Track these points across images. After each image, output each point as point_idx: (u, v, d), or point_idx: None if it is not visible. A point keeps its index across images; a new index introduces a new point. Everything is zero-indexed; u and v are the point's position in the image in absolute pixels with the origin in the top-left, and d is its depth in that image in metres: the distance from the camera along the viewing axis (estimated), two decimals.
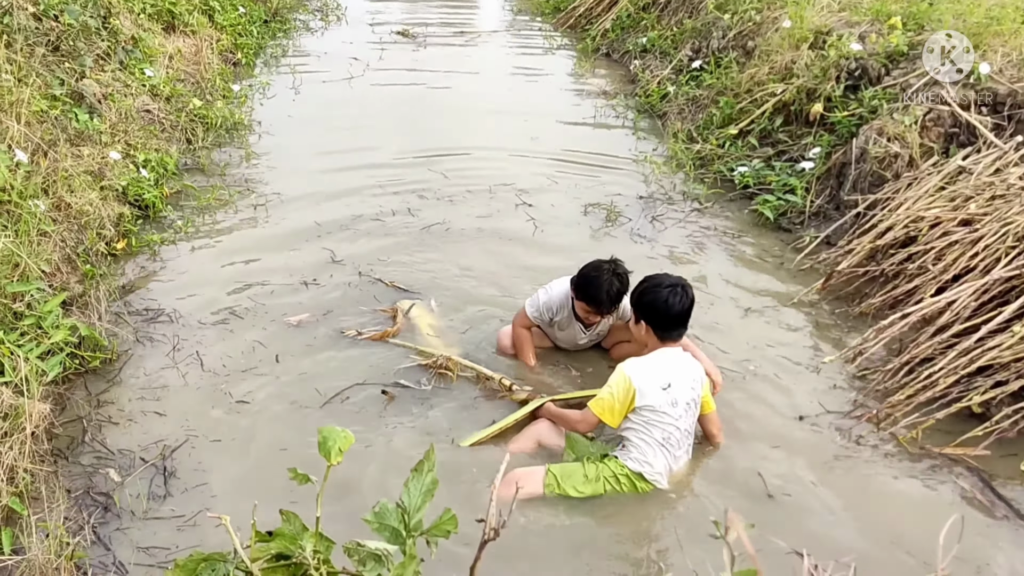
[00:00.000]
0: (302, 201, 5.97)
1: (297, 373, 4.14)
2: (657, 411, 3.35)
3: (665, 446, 3.38)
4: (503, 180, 6.46)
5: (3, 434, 3.30)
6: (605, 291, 3.77)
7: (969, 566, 3.11)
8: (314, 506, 1.71)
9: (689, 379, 3.44)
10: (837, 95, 6.19)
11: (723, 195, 6.30)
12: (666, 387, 3.37)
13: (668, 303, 3.41)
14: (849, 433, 3.83)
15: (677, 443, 3.41)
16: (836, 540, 3.22)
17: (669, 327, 3.48)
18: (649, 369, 3.41)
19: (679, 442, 3.42)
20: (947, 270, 4.47)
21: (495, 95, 8.66)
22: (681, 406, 3.39)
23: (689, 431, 3.47)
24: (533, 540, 3.20)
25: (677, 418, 3.38)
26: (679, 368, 3.45)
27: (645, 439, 3.37)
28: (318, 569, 1.60)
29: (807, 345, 4.51)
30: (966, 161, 5.10)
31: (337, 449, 1.73)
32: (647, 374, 3.38)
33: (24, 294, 4.02)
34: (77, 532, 3.11)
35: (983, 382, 3.86)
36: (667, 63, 8.72)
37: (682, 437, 3.43)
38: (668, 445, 3.39)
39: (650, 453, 3.36)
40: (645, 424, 3.37)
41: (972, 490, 3.48)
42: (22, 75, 5.29)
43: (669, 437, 3.38)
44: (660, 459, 3.38)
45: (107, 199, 5.22)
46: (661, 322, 3.47)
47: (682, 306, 3.42)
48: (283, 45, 10.11)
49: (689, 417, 3.44)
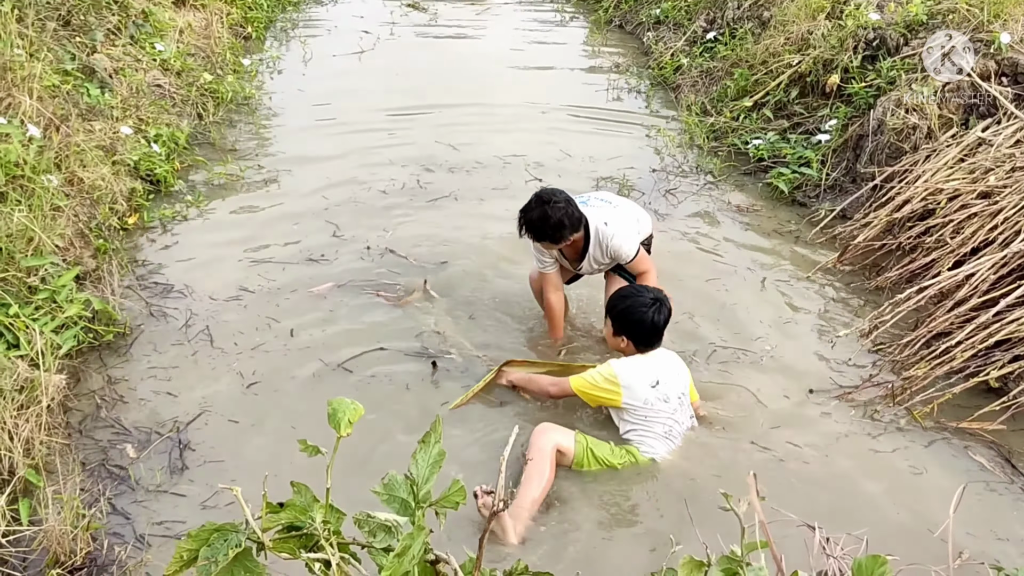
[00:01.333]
0: (312, 175, 5.96)
1: (310, 346, 4.15)
2: (652, 408, 3.42)
3: (668, 438, 3.46)
4: (513, 152, 6.42)
5: (19, 407, 3.33)
6: (529, 222, 3.72)
7: (987, 540, 3.09)
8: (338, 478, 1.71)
9: (673, 371, 3.53)
10: (854, 66, 6.09)
11: (737, 168, 6.23)
12: (655, 384, 3.44)
13: (653, 321, 3.48)
14: (864, 407, 3.80)
15: (679, 435, 3.51)
16: (848, 513, 3.20)
17: (652, 341, 3.55)
18: (636, 368, 3.47)
19: (681, 434, 3.51)
20: (965, 243, 4.41)
21: (506, 67, 8.58)
22: (674, 401, 3.46)
23: (686, 422, 3.55)
24: (543, 516, 3.20)
25: (673, 412, 3.46)
26: (665, 364, 3.53)
27: (648, 435, 3.44)
28: (328, 540, 1.59)
29: (822, 319, 4.47)
30: (986, 133, 5.01)
31: (347, 421, 1.73)
32: (634, 372, 3.45)
33: (38, 268, 4.04)
34: (92, 504, 3.13)
35: (1001, 356, 3.81)
36: (681, 34, 8.61)
37: (682, 430, 3.53)
38: (671, 437, 3.47)
39: (657, 445, 3.44)
40: (644, 421, 3.44)
41: (991, 465, 3.45)
42: (34, 50, 5.28)
43: (670, 431, 3.46)
44: (665, 451, 3.45)
45: (119, 174, 5.23)
46: (645, 338, 3.54)
47: (663, 319, 3.51)
48: (293, 18, 10.05)
49: (684, 409, 3.53)
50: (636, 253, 3.91)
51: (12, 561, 2.88)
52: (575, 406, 3.69)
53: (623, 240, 3.87)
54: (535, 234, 3.75)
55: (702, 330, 4.35)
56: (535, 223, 3.70)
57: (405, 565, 1.55)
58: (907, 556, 2.80)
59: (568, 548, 3.06)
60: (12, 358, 3.48)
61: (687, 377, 3.59)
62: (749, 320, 4.43)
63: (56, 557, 2.88)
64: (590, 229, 3.86)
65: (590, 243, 3.90)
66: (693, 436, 3.58)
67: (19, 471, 3.15)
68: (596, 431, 3.53)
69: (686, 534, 3.06)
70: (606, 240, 3.87)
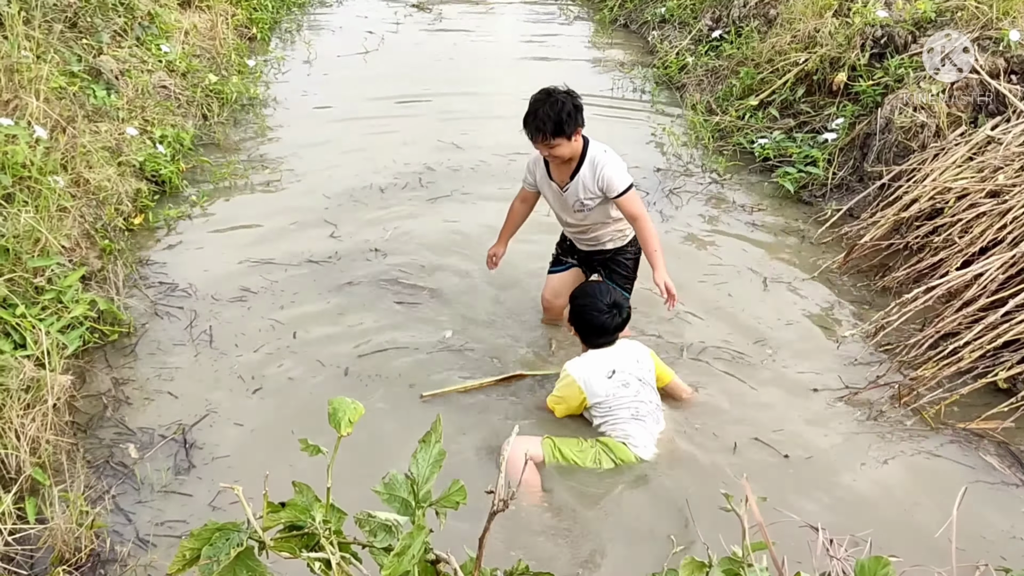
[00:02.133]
0: (316, 176, 5.96)
1: (314, 347, 4.15)
2: (615, 397, 3.45)
3: (637, 419, 3.47)
4: (517, 151, 6.40)
5: (26, 406, 3.35)
6: (530, 112, 3.63)
7: (997, 541, 3.07)
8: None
9: (630, 359, 3.54)
10: (862, 64, 6.06)
11: (742, 167, 6.21)
12: (611, 375, 3.47)
13: (604, 325, 3.52)
14: (870, 407, 3.78)
15: (648, 414, 3.50)
16: (853, 514, 3.18)
17: (600, 342, 3.58)
18: (589, 363, 3.52)
19: (650, 413, 3.51)
20: (974, 243, 4.37)
21: (511, 67, 8.58)
22: (634, 385, 3.48)
23: (654, 403, 3.55)
24: (544, 517, 3.20)
25: (636, 394, 3.47)
26: (617, 353, 3.56)
27: (618, 422, 3.46)
28: (328, 539, 1.59)
29: (828, 319, 4.45)
30: (995, 131, 4.97)
31: (347, 420, 1.73)
32: (589, 369, 3.50)
33: (45, 269, 4.06)
34: (97, 502, 3.15)
35: (1009, 357, 3.79)
36: (686, 33, 8.59)
37: (651, 409, 3.52)
38: (640, 418, 3.47)
39: (629, 428, 3.45)
40: (609, 410, 3.47)
41: (1000, 465, 3.42)
42: (41, 52, 5.31)
43: (638, 411, 3.47)
44: (638, 432, 3.45)
45: (124, 175, 5.24)
46: (592, 339, 3.58)
47: (615, 324, 3.53)
48: (298, 19, 10.07)
49: (647, 391, 3.53)
50: (628, 187, 3.71)
51: (18, 559, 2.89)
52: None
53: (616, 170, 3.70)
54: (539, 123, 3.60)
55: (707, 329, 4.33)
56: (546, 109, 3.59)
57: (405, 564, 1.55)
58: (912, 558, 2.78)
59: (569, 549, 3.05)
60: (19, 358, 3.49)
61: (648, 362, 3.59)
62: (754, 320, 4.41)
63: (61, 555, 2.90)
64: (587, 149, 3.76)
65: (583, 164, 3.75)
66: (696, 434, 3.57)
67: (26, 470, 3.16)
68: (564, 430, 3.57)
69: (688, 535, 3.06)
70: (600, 167, 3.72)
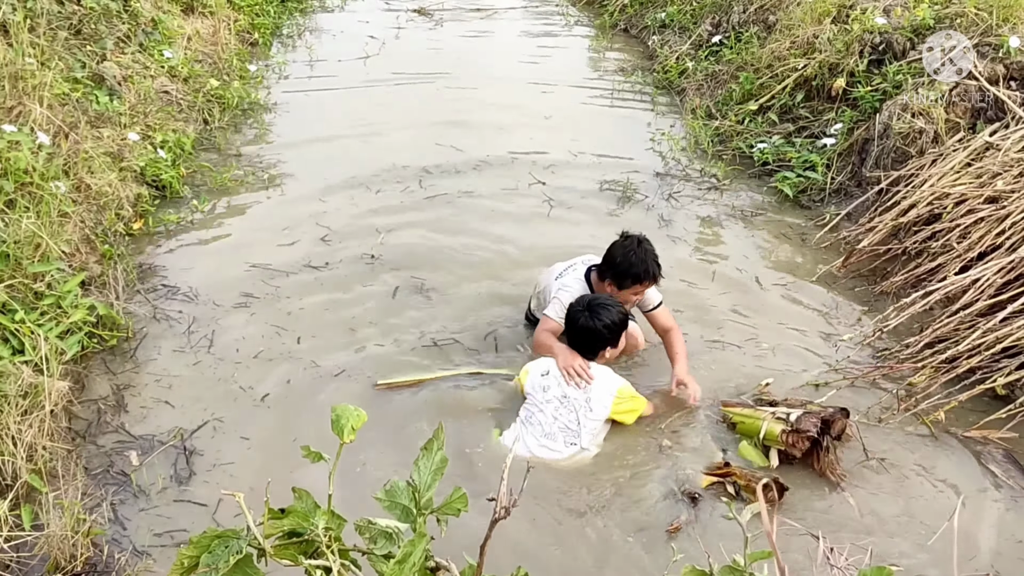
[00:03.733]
0: (317, 181, 5.96)
1: (316, 354, 4.15)
2: (529, 392, 3.61)
3: (524, 423, 3.57)
4: (517, 156, 6.43)
5: (23, 412, 3.34)
6: (650, 261, 3.71)
7: (999, 550, 3.07)
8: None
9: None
10: (860, 70, 6.08)
11: (742, 172, 6.22)
12: (545, 373, 3.62)
13: (575, 320, 3.65)
14: (868, 412, 3.78)
15: (539, 425, 3.54)
16: (853, 522, 3.19)
17: (573, 341, 3.69)
18: (542, 360, 3.69)
19: (542, 426, 3.53)
20: (972, 248, 4.39)
21: (512, 71, 8.58)
22: (552, 394, 3.57)
23: (562, 424, 3.53)
24: (543, 524, 3.20)
25: (542, 403, 3.56)
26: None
27: (520, 413, 3.64)
28: (329, 546, 1.59)
29: (826, 323, 4.46)
30: (994, 137, 4.98)
31: (350, 427, 1.73)
32: (539, 361, 3.69)
33: (45, 274, 4.06)
34: (94, 509, 3.14)
35: (1008, 363, 3.79)
36: (686, 38, 8.61)
37: (546, 421, 3.54)
38: (527, 423, 3.55)
39: (515, 427, 3.59)
40: (523, 402, 3.65)
41: (1003, 472, 3.43)
42: (45, 58, 5.32)
43: (530, 416, 3.57)
44: (514, 430, 3.57)
45: (125, 180, 5.25)
46: (568, 331, 3.72)
47: (587, 326, 3.60)
48: (299, 24, 10.07)
49: (558, 410, 3.55)
50: (660, 301, 3.94)
51: (13, 566, 2.89)
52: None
53: (652, 290, 3.88)
54: (655, 267, 3.74)
55: (706, 334, 4.34)
56: (653, 254, 3.75)
57: (406, 572, 1.55)
58: (914, 566, 2.78)
59: (568, 556, 3.05)
60: (17, 363, 3.49)
61: (600, 395, 3.56)
62: (752, 323, 4.42)
63: (56, 562, 2.88)
64: None
65: None
66: (690, 438, 3.59)
67: (22, 476, 3.16)
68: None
69: (689, 542, 3.06)
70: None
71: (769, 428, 3.45)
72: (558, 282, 3.98)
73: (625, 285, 3.73)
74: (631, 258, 3.69)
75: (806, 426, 3.36)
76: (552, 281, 4.04)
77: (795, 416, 3.43)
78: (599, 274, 3.85)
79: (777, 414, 3.50)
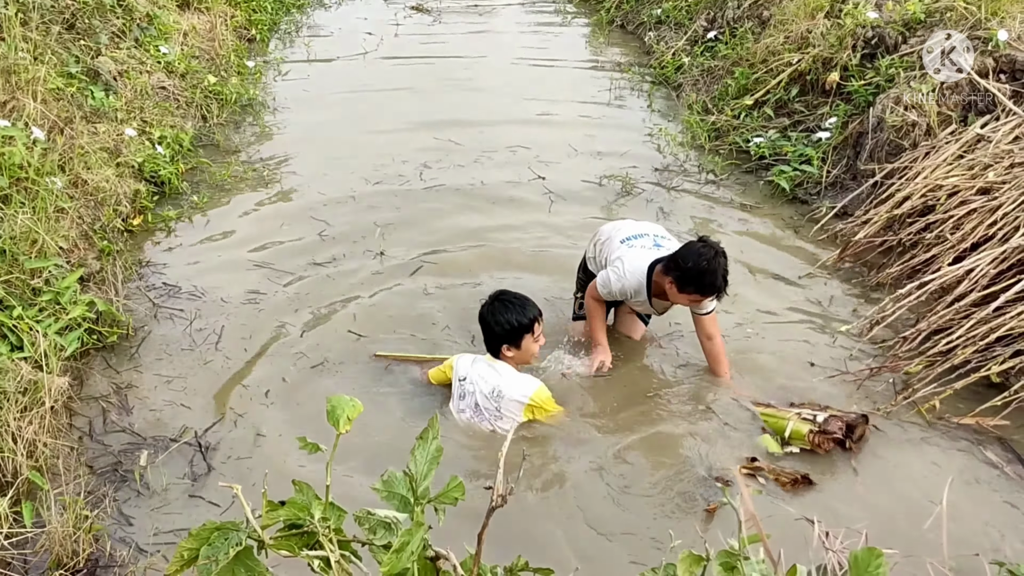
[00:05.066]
0: (316, 177, 5.98)
1: (318, 350, 4.17)
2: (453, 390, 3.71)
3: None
4: (516, 151, 6.44)
5: (23, 408, 3.35)
6: (720, 277, 3.56)
7: (991, 535, 3.10)
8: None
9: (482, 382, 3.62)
10: (853, 64, 6.10)
11: (739, 166, 6.24)
12: (463, 379, 3.67)
13: (481, 310, 3.69)
14: (864, 401, 3.81)
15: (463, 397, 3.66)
16: (849, 508, 3.22)
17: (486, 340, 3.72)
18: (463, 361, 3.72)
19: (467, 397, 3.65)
20: (965, 239, 4.42)
21: (510, 67, 8.59)
22: (466, 406, 3.63)
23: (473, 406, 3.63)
24: (542, 512, 3.22)
25: (458, 408, 3.66)
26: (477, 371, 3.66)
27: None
28: (328, 537, 1.61)
29: (823, 316, 4.48)
30: (985, 129, 5.01)
31: (346, 418, 1.75)
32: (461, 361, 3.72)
33: (42, 270, 4.07)
34: (96, 506, 3.15)
35: (1002, 351, 3.82)
36: (682, 34, 8.62)
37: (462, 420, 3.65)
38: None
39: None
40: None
41: (997, 459, 3.45)
42: (38, 53, 5.31)
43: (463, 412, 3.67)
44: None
45: (123, 176, 5.26)
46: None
47: (482, 316, 3.66)
48: (297, 21, 10.08)
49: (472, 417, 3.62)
50: (713, 309, 3.84)
51: (14, 563, 2.89)
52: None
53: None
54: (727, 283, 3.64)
55: None
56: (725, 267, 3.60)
57: (404, 561, 1.56)
58: (908, 550, 2.81)
59: (567, 544, 3.08)
60: (16, 360, 3.50)
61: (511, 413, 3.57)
62: (749, 316, 4.44)
63: (58, 559, 2.89)
64: None
65: None
66: (686, 427, 3.62)
67: (23, 473, 3.17)
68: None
69: (685, 528, 3.09)
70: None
71: (796, 427, 3.52)
72: (623, 247, 3.88)
73: (687, 290, 3.63)
74: (703, 267, 3.53)
75: (832, 428, 3.48)
76: (617, 243, 3.93)
77: (822, 418, 3.53)
78: (664, 268, 3.71)
79: (803, 415, 3.59)
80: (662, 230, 4.05)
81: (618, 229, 4.04)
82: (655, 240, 3.91)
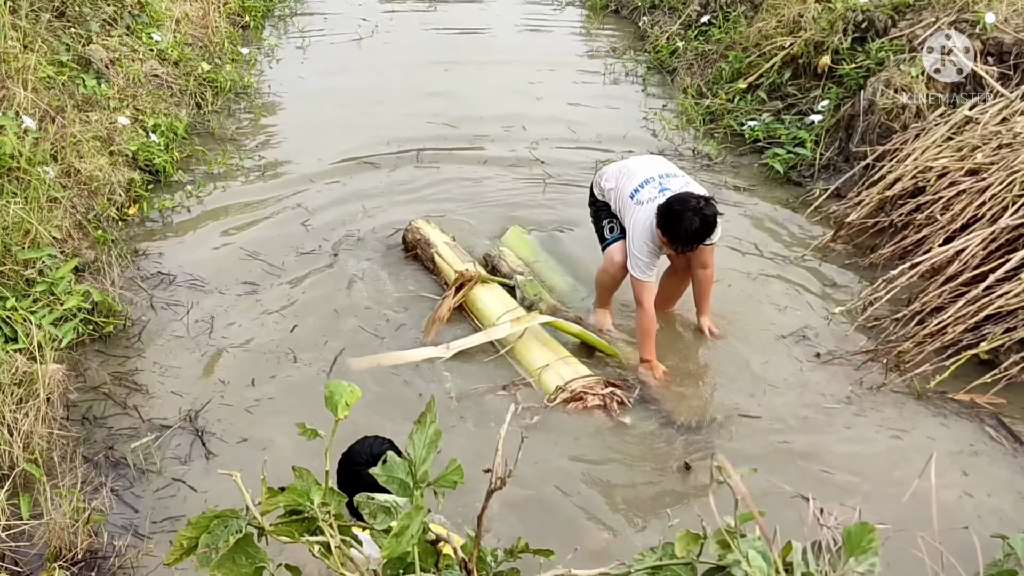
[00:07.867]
0: (312, 163, 5.97)
1: (314, 338, 4.18)
2: None
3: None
4: (510, 135, 6.44)
5: (18, 400, 3.33)
6: (684, 228, 3.57)
7: (982, 509, 3.14)
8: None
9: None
10: (844, 47, 6.12)
11: (733, 150, 6.25)
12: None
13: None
14: (859, 381, 3.85)
15: None
16: (843, 484, 3.26)
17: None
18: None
19: None
20: (955, 220, 4.45)
21: (504, 52, 8.55)
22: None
23: None
24: (540, 497, 3.25)
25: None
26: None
27: None
28: (328, 522, 1.63)
29: (817, 296, 4.51)
30: (973, 111, 5.05)
31: (344, 403, 1.76)
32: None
33: (36, 260, 4.05)
34: (93, 496, 3.15)
35: (992, 329, 3.86)
36: (676, 18, 8.60)
37: None
38: None
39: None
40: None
41: (997, 436, 3.51)
42: (28, 41, 5.27)
43: None
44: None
45: (117, 164, 5.23)
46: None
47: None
48: (291, 7, 10.00)
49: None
50: (716, 240, 3.89)
51: (12, 555, 2.89)
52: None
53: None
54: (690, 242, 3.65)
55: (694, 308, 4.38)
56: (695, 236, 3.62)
57: (404, 545, 1.58)
58: (902, 525, 2.84)
59: (565, 527, 3.11)
60: (10, 352, 3.49)
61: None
62: (744, 299, 4.47)
63: (57, 550, 2.89)
64: None
65: None
66: (682, 405, 3.68)
67: (19, 465, 3.15)
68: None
69: (684, 507, 3.13)
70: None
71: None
72: (632, 205, 3.86)
73: (666, 238, 3.68)
74: (676, 218, 3.58)
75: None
76: (627, 198, 3.90)
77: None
78: (656, 220, 3.71)
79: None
80: (668, 166, 4.02)
81: (625, 175, 3.98)
82: (660, 185, 3.87)
